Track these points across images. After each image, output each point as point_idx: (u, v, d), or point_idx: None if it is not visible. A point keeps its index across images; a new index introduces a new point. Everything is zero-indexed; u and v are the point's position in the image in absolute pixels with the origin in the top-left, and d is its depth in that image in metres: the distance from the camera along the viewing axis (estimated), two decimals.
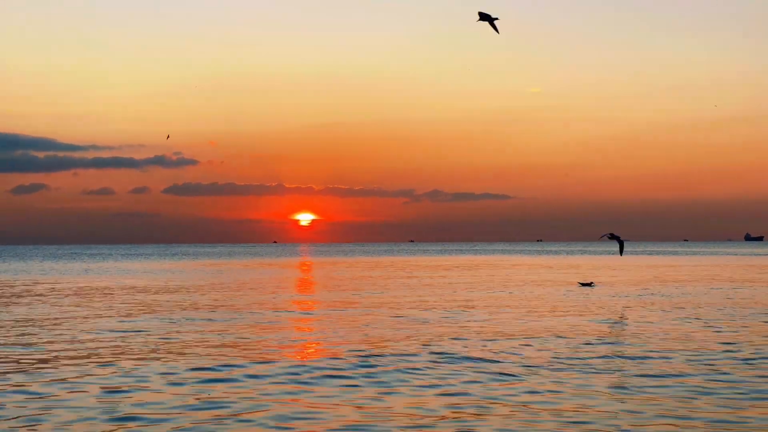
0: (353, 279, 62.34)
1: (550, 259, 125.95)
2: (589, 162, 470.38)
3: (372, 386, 17.00)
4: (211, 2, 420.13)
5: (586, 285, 51.65)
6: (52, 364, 20.08)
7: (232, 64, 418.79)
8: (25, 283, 59.87)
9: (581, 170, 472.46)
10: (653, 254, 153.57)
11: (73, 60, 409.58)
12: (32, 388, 16.91)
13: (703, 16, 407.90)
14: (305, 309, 36.29)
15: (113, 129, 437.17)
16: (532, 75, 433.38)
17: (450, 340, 24.00)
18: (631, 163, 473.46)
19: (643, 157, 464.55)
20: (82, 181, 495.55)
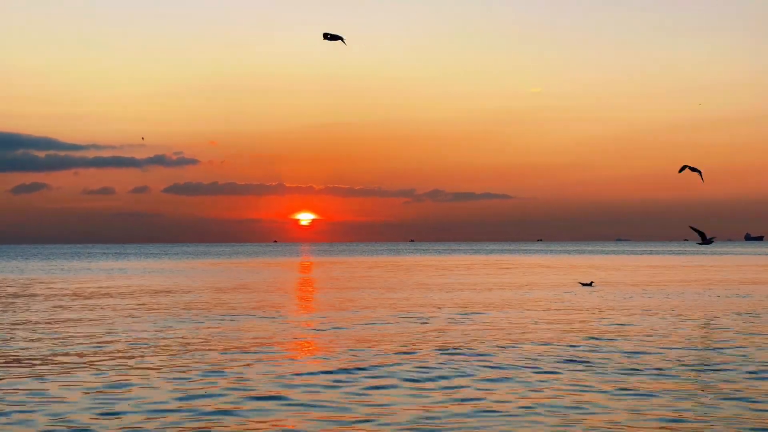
0: (359, 278, 63.00)
1: (552, 259, 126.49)
2: (590, 162, 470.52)
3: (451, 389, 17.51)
4: (212, 2, 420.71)
5: (586, 285, 52.17)
6: (86, 363, 21.03)
7: (232, 64, 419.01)
8: (39, 282, 60.69)
9: (581, 170, 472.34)
10: (655, 254, 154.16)
11: (74, 59, 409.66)
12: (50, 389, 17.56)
13: (703, 17, 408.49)
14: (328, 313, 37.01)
15: (114, 128, 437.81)
16: (533, 75, 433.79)
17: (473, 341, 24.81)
18: (632, 163, 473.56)
19: (644, 157, 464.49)
20: (83, 181, 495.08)
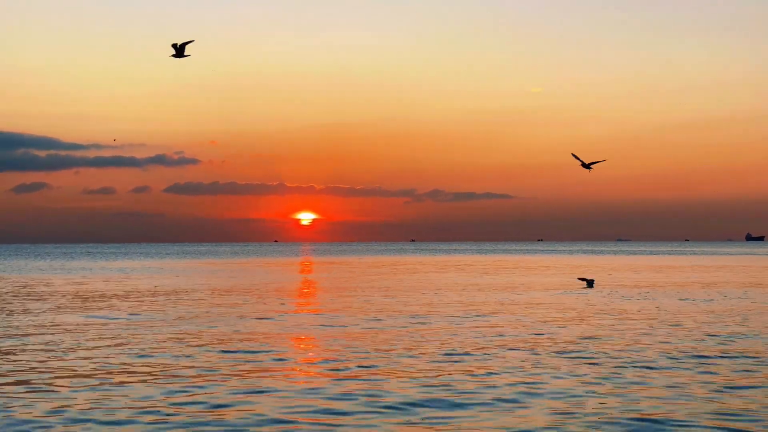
0: (365, 279, 63.37)
1: (556, 259, 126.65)
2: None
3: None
4: (213, 3, 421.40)
5: (587, 281, 52.41)
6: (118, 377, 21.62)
7: (233, 64, 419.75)
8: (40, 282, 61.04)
9: (582, 170, 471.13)
10: (659, 254, 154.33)
11: (75, 60, 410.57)
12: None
13: (703, 17, 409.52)
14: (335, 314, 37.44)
15: (114, 128, 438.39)
16: (534, 75, 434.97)
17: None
18: (633, 163, 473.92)
19: (644, 157, 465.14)
20: (84, 180, 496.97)
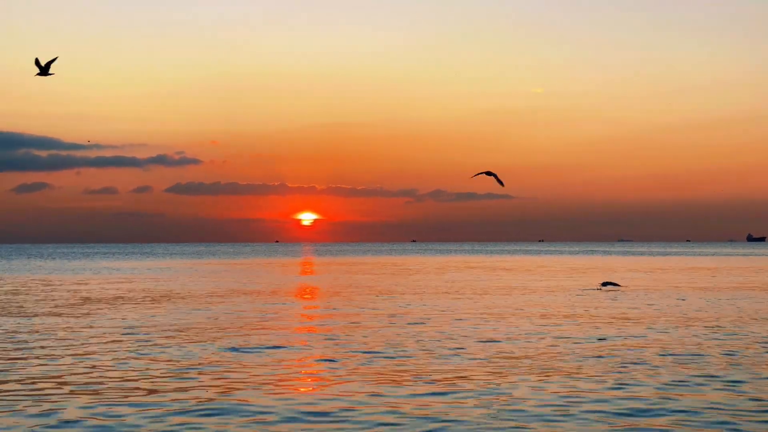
0: (374, 280, 63.93)
1: (561, 259, 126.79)
2: (591, 162, 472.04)
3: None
4: (215, 3, 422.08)
5: (610, 285, 50.00)
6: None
7: (235, 64, 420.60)
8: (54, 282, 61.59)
9: (583, 170, 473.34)
10: (665, 255, 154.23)
11: (76, 60, 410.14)
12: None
13: (705, 18, 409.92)
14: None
15: (116, 128, 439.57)
16: (535, 75, 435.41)
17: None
18: (634, 164, 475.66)
19: (646, 158, 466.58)
20: (85, 180, 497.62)
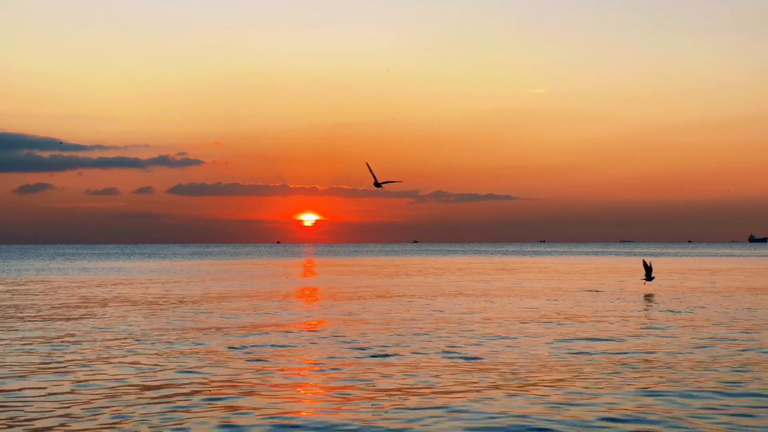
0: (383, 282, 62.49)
1: (566, 260, 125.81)
2: (593, 163, 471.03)
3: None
4: (216, 3, 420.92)
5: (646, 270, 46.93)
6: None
7: (236, 65, 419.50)
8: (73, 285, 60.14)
9: (584, 171, 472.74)
10: (671, 256, 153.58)
11: (78, 60, 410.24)
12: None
13: (708, 18, 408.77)
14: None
15: (118, 129, 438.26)
16: (537, 76, 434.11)
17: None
18: (636, 165, 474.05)
19: (648, 159, 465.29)
20: (87, 181, 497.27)
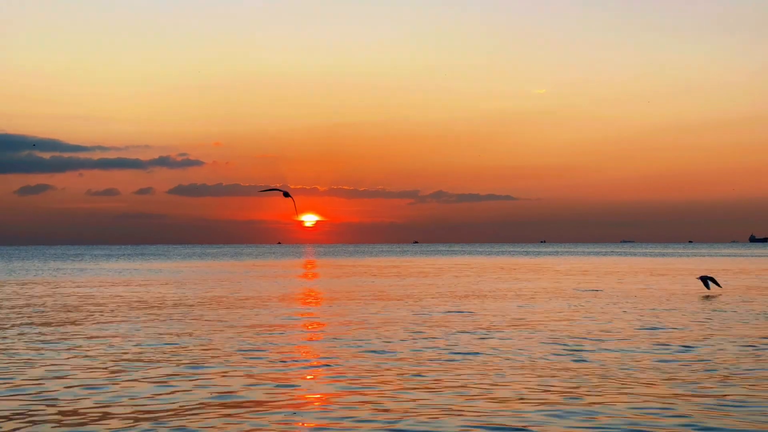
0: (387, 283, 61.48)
1: (601, 261, 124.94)
2: (593, 163, 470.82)
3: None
4: (217, 4, 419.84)
5: (708, 281, 44.93)
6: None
7: (237, 65, 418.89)
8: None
9: (585, 171, 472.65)
10: (685, 256, 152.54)
11: (79, 61, 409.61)
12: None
13: (708, 18, 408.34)
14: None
15: (118, 130, 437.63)
16: (538, 76, 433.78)
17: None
18: (636, 165, 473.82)
19: (648, 159, 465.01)
20: (88, 182, 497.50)
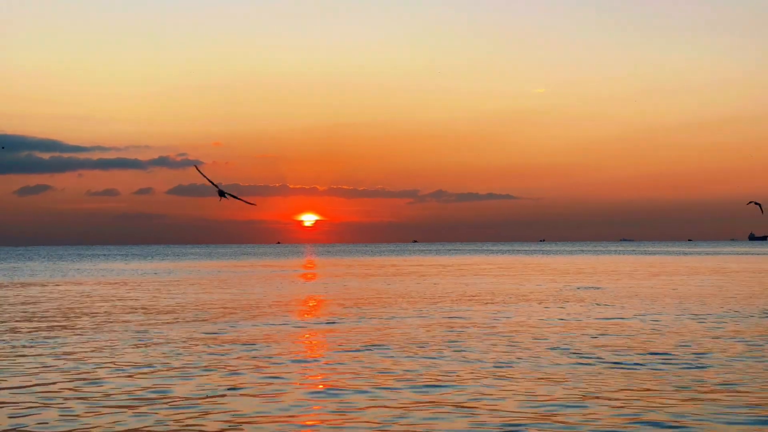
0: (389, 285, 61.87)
1: (609, 259, 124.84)
2: (593, 162, 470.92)
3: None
4: (218, 4, 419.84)
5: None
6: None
7: (236, 66, 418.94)
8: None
9: (585, 171, 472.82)
10: (688, 255, 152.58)
11: (78, 61, 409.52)
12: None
13: (707, 18, 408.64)
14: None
15: (118, 130, 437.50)
16: (537, 75, 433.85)
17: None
18: (635, 163, 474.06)
19: (648, 157, 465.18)
20: (87, 182, 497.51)
